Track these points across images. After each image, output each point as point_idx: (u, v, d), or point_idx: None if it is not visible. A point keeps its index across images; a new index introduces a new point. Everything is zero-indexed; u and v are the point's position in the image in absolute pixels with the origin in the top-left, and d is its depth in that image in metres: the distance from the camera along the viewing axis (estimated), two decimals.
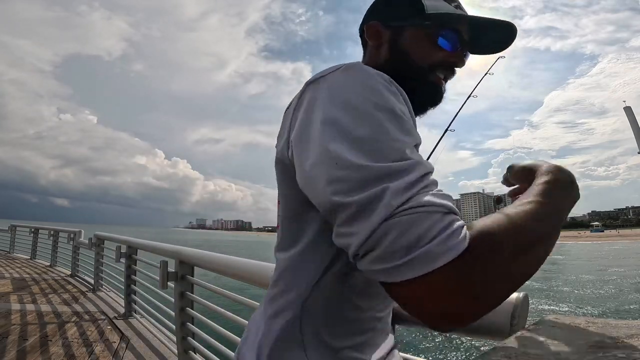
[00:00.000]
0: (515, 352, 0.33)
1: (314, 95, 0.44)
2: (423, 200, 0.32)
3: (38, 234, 6.81)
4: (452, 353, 6.88)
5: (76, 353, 2.38)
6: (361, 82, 0.42)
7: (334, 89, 0.42)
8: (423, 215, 0.31)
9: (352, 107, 0.39)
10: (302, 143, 0.42)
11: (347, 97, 0.40)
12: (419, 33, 0.58)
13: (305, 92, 0.46)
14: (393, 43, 0.59)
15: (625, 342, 0.33)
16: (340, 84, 0.42)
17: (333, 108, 0.40)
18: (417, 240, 0.30)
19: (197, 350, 2.01)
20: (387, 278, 0.32)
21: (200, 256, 1.90)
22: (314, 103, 0.43)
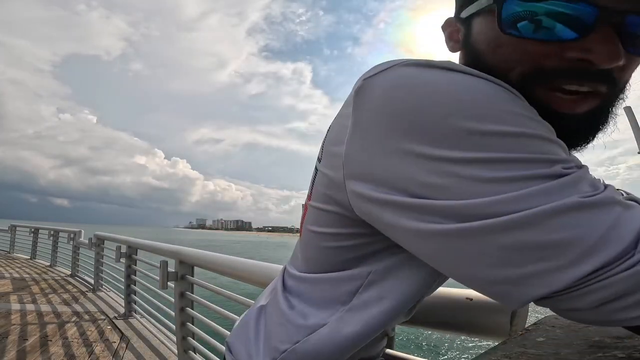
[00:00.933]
0: (515, 352, 0.33)
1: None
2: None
3: (38, 234, 6.81)
4: (452, 353, 6.88)
5: (76, 353, 2.38)
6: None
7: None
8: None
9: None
10: None
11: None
12: (492, 18, 0.33)
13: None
14: (465, 43, 0.39)
15: (625, 342, 0.33)
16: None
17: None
18: None
19: (197, 350, 2.01)
20: None
21: (200, 256, 1.90)
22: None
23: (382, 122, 0.31)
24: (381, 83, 0.32)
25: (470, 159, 0.27)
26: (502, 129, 0.27)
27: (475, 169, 0.27)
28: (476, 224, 0.27)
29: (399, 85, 0.31)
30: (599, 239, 0.24)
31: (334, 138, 0.37)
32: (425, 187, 0.29)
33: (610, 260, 0.24)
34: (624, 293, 0.24)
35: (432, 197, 0.28)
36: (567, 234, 0.25)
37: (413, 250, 0.32)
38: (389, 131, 0.30)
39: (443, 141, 0.28)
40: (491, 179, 0.27)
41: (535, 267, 0.26)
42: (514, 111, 0.28)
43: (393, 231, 0.32)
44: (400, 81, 0.31)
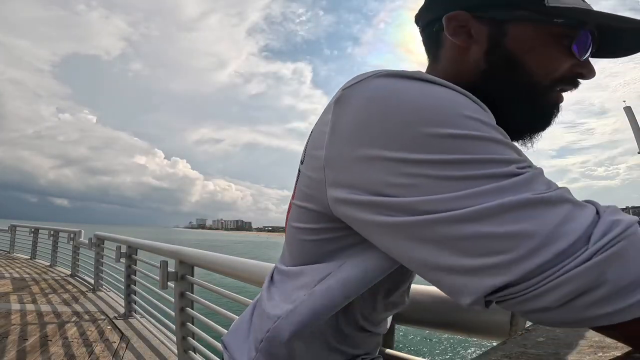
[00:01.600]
0: (515, 352, 0.33)
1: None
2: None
3: (38, 234, 6.81)
4: (452, 353, 6.88)
5: (76, 353, 2.38)
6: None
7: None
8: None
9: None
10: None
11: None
12: (540, 32, 0.39)
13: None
14: (494, 44, 0.41)
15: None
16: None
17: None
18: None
19: (197, 350, 2.01)
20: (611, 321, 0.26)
21: (200, 256, 1.90)
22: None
23: (355, 130, 0.34)
24: (356, 94, 0.36)
25: (430, 160, 0.30)
26: (459, 133, 0.30)
27: (435, 169, 0.30)
28: (430, 216, 0.29)
29: (371, 97, 0.34)
30: (549, 233, 0.26)
31: (314, 143, 0.40)
32: (390, 187, 0.32)
33: (562, 254, 0.25)
34: (587, 288, 0.25)
35: (395, 196, 0.31)
36: (518, 228, 0.26)
37: (376, 242, 0.35)
38: (360, 139, 0.34)
39: (406, 145, 0.31)
40: (448, 177, 0.29)
41: (488, 259, 0.27)
42: (472, 116, 0.31)
43: (362, 227, 0.35)
44: (372, 92, 0.34)
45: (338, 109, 0.36)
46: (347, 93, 0.36)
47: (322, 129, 0.38)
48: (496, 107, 0.37)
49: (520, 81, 0.41)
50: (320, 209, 0.40)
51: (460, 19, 0.42)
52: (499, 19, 0.40)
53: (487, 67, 0.42)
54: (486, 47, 0.41)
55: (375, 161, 0.32)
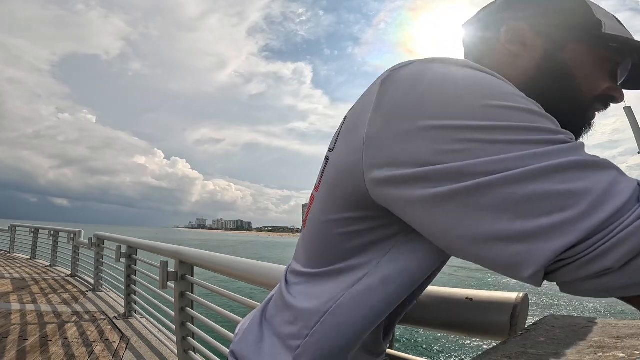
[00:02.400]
0: (515, 352, 0.33)
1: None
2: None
3: (38, 234, 6.81)
4: (452, 353, 6.88)
5: (76, 353, 2.38)
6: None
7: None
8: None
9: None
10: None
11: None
12: (593, 53, 0.44)
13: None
14: (549, 56, 0.44)
15: (625, 342, 0.33)
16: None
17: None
18: None
19: (197, 350, 2.01)
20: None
21: (200, 256, 1.90)
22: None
23: (402, 105, 0.34)
24: (405, 73, 0.36)
25: (482, 126, 0.30)
26: (511, 105, 0.31)
27: (487, 134, 0.30)
28: (484, 179, 0.28)
29: (420, 75, 0.35)
30: (605, 190, 0.26)
31: (352, 123, 0.39)
32: (440, 155, 0.31)
33: (620, 210, 0.26)
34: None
35: (446, 162, 0.30)
36: (577, 185, 0.27)
37: (420, 224, 0.33)
38: (407, 112, 0.33)
39: (457, 114, 0.31)
40: (501, 141, 0.29)
41: (551, 217, 0.27)
42: (519, 95, 0.33)
43: (406, 207, 0.33)
44: (421, 72, 0.35)
45: (385, 87, 0.36)
46: (395, 73, 0.36)
47: (363, 109, 0.38)
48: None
49: (568, 92, 0.44)
50: (353, 196, 0.38)
51: (520, 31, 0.46)
52: (557, 37, 0.45)
53: (536, 75, 0.45)
54: (539, 58, 0.45)
55: (423, 131, 0.32)
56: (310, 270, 0.45)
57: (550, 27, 0.45)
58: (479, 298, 0.62)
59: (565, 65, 0.44)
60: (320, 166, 0.47)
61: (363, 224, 0.39)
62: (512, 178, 0.28)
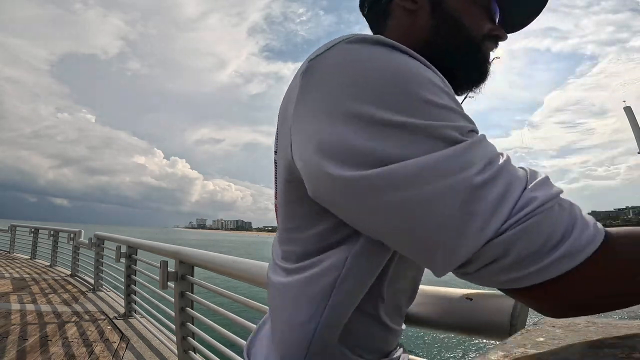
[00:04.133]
0: (515, 352, 0.33)
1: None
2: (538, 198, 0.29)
3: (38, 234, 6.82)
4: (452, 353, 6.88)
5: (76, 353, 2.38)
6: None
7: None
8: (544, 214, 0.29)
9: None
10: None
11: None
12: (470, 1, 0.50)
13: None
14: (436, 6, 0.49)
15: (625, 342, 0.33)
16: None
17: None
18: (546, 242, 0.29)
19: (197, 350, 2.01)
20: (516, 285, 0.30)
21: (200, 256, 1.90)
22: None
23: (323, 95, 0.35)
24: (323, 62, 0.36)
25: (396, 121, 0.31)
26: (425, 96, 0.32)
27: (396, 128, 0.31)
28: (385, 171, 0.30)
29: (337, 63, 0.35)
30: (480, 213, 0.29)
31: (281, 123, 0.40)
32: (356, 140, 0.32)
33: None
34: (495, 258, 0.29)
35: (358, 148, 0.32)
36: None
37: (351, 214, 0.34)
38: (327, 102, 0.34)
39: (374, 103, 0.32)
40: (408, 139, 0.31)
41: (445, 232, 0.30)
42: (432, 82, 0.34)
43: (329, 191, 0.34)
44: (338, 59, 0.35)
45: (306, 80, 0.36)
46: (313, 63, 0.36)
47: (288, 107, 0.38)
48: (444, 63, 0.43)
49: (461, 36, 0.48)
50: (304, 193, 0.38)
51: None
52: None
53: (433, 26, 0.49)
54: (429, 10, 0.49)
55: (343, 118, 0.33)
56: (290, 266, 0.47)
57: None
58: (479, 298, 0.62)
59: (450, 14, 0.49)
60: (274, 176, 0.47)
61: (326, 221, 0.40)
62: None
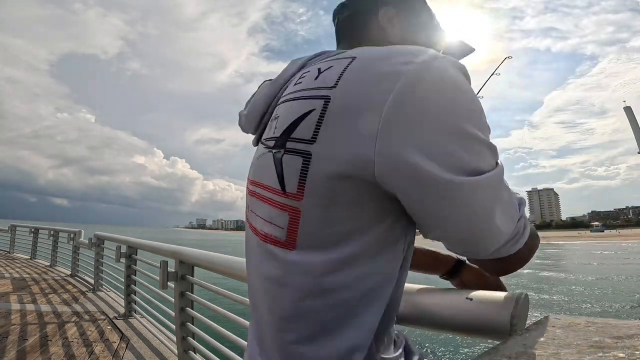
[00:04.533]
0: (515, 352, 0.33)
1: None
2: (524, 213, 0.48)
3: (38, 234, 6.81)
4: (452, 353, 6.88)
5: (76, 353, 2.38)
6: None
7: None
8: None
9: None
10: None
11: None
12: (423, 18, 0.64)
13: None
14: (403, 26, 0.62)
15: (625, 342, 0.33)
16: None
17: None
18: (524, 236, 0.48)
19: (197, 350, 2.01)
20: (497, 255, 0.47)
21: (200, 256, 1.90)
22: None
23: (427, 106, 0.38)
24: (427, 77, 0.38)
25: (478, 137, 0.40)
26: (484, 121, 0.42)
27: (478, 143, 0.40)
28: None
29: (440, 81, 0.39)
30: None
31: (355, 112, 0.39)
32: (456, 152, 0.38)
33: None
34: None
35: (461, 160, 0.39)
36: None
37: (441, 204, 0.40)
38: (434, 113, 0.38)
39: (470, 122, 0.39)
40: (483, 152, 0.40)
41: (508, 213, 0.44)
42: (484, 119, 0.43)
43: (425, 190, 0.39)
44: (440, 77, 0.39)
45: (409, 89, 0.37)
46: (413, 75, 0.38)
47: (370, 98, 0.38)
48: None
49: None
50: (361, 188, 0.40)
51: (390, 14, 0.61)
52: (406, 10, 0.62)
53: (398, 42, 0.60)
54: (401, 34, 0.61)
55: (452, 132, 0.38)
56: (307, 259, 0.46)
57: (407, 16, 0.63)
58: (479, 298, 0.62)
59: (411, 32, 0.62)
60: (278, 165, 0.45)
61: (371, 202, 0.41)
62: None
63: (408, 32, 0.63)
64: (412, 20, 0.64)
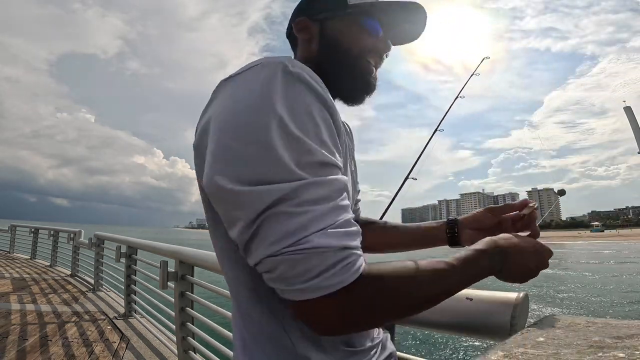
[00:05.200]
0: (515, 352, 0.33)
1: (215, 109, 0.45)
2: (315, 242, 0.37)
3: (38, 234, 6.81)
4: (452, 353, 6.88)
5: (76, 353, 2.38)
6: (274, 90, 0.40)
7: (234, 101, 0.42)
8: (313, 255, 0.37)
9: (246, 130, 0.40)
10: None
11: (242, 119, 0.40)
12: (345, 22, 0.62)
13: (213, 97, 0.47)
14: (322, 35, 0.62)
15: (625, 342, 0.33)
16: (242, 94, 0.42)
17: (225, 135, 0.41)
18: (304, 274, 0.37)
19: (197, 350, 2.01)
20: (283, 294, 0.39)
21: (200, 256, 1.90)
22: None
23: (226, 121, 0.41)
24: (230, 86, 0.45)
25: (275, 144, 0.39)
26: (296, 134, 0.39)
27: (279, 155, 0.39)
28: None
29: (238, 94, 0.42)
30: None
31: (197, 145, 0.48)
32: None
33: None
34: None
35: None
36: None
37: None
38: (229, 130, 0.41)
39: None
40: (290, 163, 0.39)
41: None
42: (314, 118, 0.41)
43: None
44: (242, 89, 0.43)
45: (213, 99, 0.46)
46: (223, 84, 0.46)
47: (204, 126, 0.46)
48: (333, 79, 0.58)
49: (341, 54, 0.61)
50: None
51: (302, 22, 0.64)
52: (322, 18, 0.62)
53: (320, 51, 0.62)
54: (319, 38, 0.62)
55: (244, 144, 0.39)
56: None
57: (316, 14, 0.63)
58: (479, 298, 0.62)
59: (330, 38, 0.62)
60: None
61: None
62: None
63: (329, 38, 0.62)
64: (323, 17, 0.62)
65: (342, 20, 0.61)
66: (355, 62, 0.61)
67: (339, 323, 0.39)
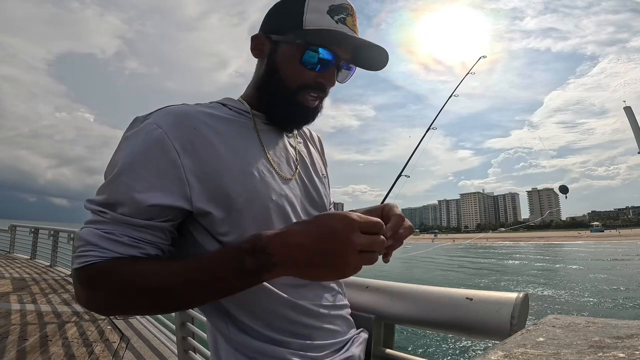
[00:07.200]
0: (515, 352, 0.33)
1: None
2: (81, 232, 0.50)
3: (38, 234, 6.81)
4: (452, 353, 6.88)
5: (76, 353, 2.38)
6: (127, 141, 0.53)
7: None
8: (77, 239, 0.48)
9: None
10: None
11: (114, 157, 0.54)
12: (291, 50, 0.56)
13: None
14: (270, 58, 0.57)
15: (625, 342, 0.33)
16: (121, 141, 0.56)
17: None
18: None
19: (197, 350, 2.01)
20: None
21: None
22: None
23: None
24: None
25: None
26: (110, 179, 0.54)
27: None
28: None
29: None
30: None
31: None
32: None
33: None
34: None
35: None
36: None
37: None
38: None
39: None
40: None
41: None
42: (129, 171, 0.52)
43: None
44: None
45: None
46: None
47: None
48: (268, 105, 0.58)
49: (276, 85, 0.57)
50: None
51: (258, 39, 0.59)
52: (275, 40, 0.57)
53: (262, 75, 0.59)
54: (266, 60, 0.58)
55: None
56: None
57: (272, 32, 0.57)
58: (479, 298, 0.62)
59: (274, 63, 0.57)
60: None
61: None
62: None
63: (271, 66, 0.57)
64: (276, 37, 0.56)
65: (291, 48, 0.55)
66: (290, 95, 0.57)
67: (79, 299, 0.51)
